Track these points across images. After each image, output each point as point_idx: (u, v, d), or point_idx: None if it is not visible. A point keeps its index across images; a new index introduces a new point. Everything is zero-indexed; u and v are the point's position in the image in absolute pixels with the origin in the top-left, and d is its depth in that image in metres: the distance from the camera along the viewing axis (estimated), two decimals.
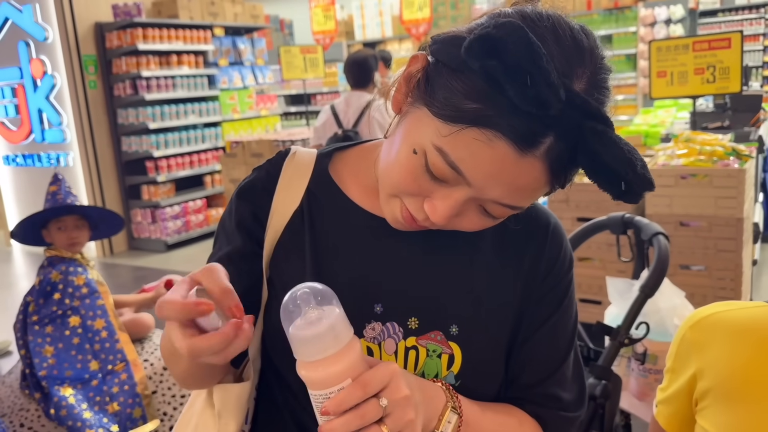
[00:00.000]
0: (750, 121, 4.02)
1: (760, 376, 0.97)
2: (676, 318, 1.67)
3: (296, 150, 0.86)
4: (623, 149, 0.61)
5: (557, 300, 0.83)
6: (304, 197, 0.82)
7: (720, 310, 1.07)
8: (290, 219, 0.81)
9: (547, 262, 0.82)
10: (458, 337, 0.77)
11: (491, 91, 0.60)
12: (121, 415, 2.25)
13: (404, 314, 0.77)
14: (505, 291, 0.81)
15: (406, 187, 0.70)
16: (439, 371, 0.77)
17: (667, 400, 1.13)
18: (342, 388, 0.60)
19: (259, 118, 7.03)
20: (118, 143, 6.13)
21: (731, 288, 2.98)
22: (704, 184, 2.93)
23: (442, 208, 0.68)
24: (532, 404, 0.83)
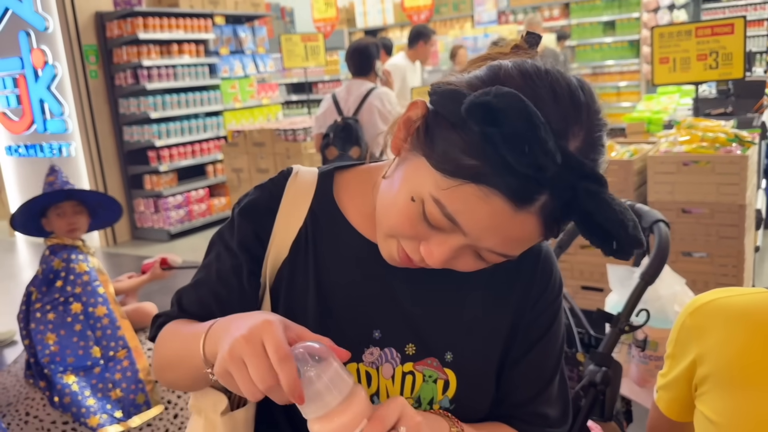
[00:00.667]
0: (753, 107, 3.99)
1: (759, 362, 0.97)
2: (677, 305, 1.67)
3: (298, 170, 0.88)
4: (616, 210, 0.63)
5: (546, 325, 0.86)
6: (308, 218, 0.84)
7: (720, 296, 1.07)
8: (295, 239, 0.83)
9: (538, 289, 0.85)
10: (452, 364, 0.81)
11: (489, 149, 0.62)
12: (124, 401, 2.26)
13: (402, 340, 0.80)
14: (497, 318, 0.84)
15: (403, 231, 0.72)
16: (435, 396, 0.80)
17: (667, 385, 1.13)
18: (362, 429, 0.64)
19: (260, 107, 7.01)
20: (119, 133, 6.13)
21: (733, 275, 2.98)
22: (706, 171, 2.92)
23: (438, 253, 0.70)
24: (521, 422, 0.87)
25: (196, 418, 0.85)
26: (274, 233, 0.83)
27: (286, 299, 0.82)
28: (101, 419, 2.20)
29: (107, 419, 2.21)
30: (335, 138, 3.75)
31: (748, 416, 0.96)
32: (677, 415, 1.14)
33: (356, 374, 0.79)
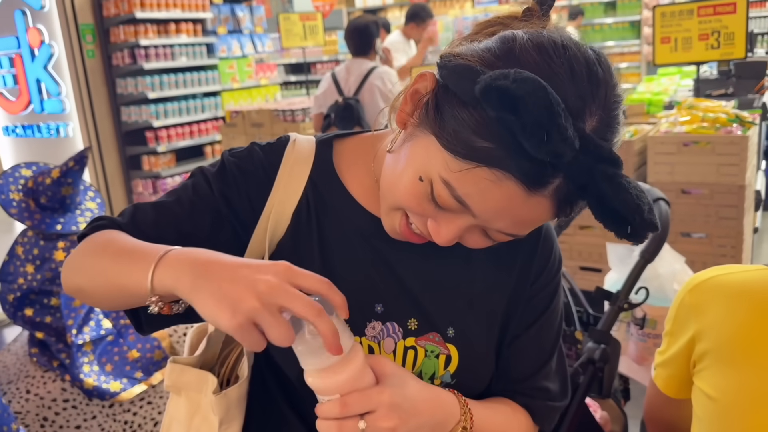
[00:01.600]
0: (754, 88, 3.97)
1: (758, 338, 0.98)
2: (676, 283, 1.68)
3: (296, 137, 0.85)
4: (632, 194, 0.62)
5: (546, 301, 0.86)
6: (308, 187, 0.82)
7: (719, 273, 1.07)
8: (296, 210, 0.81)
9: (538, 265, 0.85)
10: (455, 339, 0.80)
11: (504, 133, 0.60)
12: (142, 361, 2.29)
13: (404, 315, 0.80)
14: (498, 294, 0.83)
15: (409, 207, 0.71)
16: (437, 371, 0.80)
17: (666, 363, 1.14)
18: (330, 400, 0.67)
19: (258, 87, 6.96)
20: (117, 113, 6.09)
21: (732, 255, 2.98)
22: (707, 152, 2.91)
23: (445, 232, 0.69)
24: (522, 396, 0.87)
25: (176, 399, 0.83)
26: (272, 202, 0.80)
27: None
28: (123, 383, 2.22)
29: (128, 382, 2.24)
30: (337, 118, 3.73)
31: (747, 392, 0.97)
32: (675, 392, 1.15)
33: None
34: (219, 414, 0.77)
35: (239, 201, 0.81)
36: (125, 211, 0.82)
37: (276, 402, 0.83)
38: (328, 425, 0.66)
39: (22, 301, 2.27)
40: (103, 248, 0.73)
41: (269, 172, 0.82)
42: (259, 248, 0.80)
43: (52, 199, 2.23)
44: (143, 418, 2.39)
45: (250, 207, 0.81)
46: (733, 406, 0.98)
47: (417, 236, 0.73)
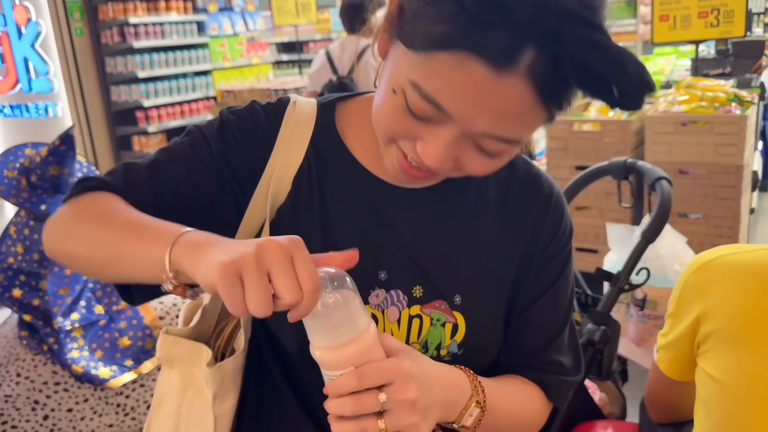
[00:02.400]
0: (752, 67, 3.95)
1: (765, 319, 0.95)
2: (677, 264, 1.66)
3: (296, 99, 0.81)
4: (611, 49, 0.55)
5: (557, 270, 0.83)
6: (309, 151, 0.78)
7: (725, 253, 1.05)
8: (297, 174, 0.77)
9: (548, 232, 0.81)
10: (461, 307, 0.77)
11: (459, 11, 0.56)
12: (133, 349, 2.28)
13: (409, 282, 0.76)
14: (507, 260, 0.80)
15: (393, 129, 0.66)
16: (443, 340, 0.77)
17: (669, 345, 1.12)
18: (342, 374, 0.60)
19: (250, 66, 6.88)
20: (107, 93, 6.01)
21: (728, 236, 2.97)
22: (705, 131, 2.89)
23: (433, 150, 0.64)
24: (534, 371, 0.83)
25: (168, 372, 0.80)
26: (272, 166, 0.76)
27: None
28: (112, 370, 2.20)
29: (118, 369, 2.22)
30: None
31: (753, 374, 0.95)
32: (678, 374, 1.13)
33: None
34: (213, 387, 0.74)
35: (238, 162, 0.77)
36: (115, 170, 0.77)
37: (272, 377, 0.80)
38: (342, 403, 0.60)
39: (11, 282, 2.24)
40: (102, 218, 0.69)
41: (269, 134, 0.78)
42: (258, 214, 0.76)
43: (42, 179, 2.19)
44: (136, 401, 2.37)
45: (249, 169, 0.77)
46: (739, 388, 0.96)
47: (417, 170, 0.69)
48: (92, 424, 2.32)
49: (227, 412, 0.78)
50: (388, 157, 0.71)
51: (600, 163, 1.77)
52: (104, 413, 2.33)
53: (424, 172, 0.69)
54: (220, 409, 0.76)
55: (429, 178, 0.71)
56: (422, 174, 0.69)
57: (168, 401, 0.80)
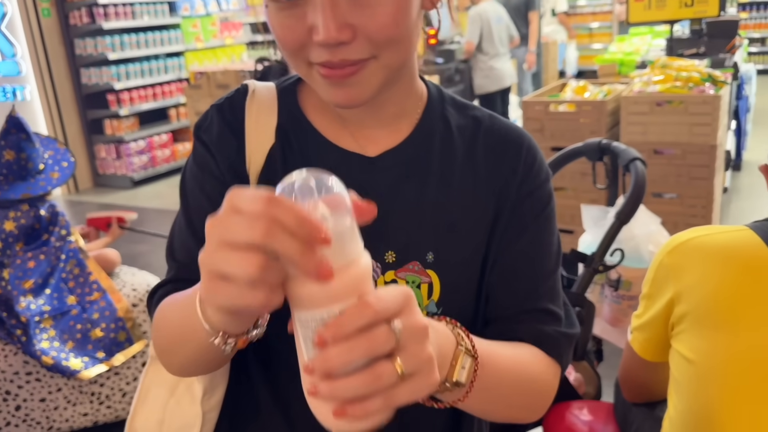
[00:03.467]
0: (726, 47, 3.97)
1: (738, 300, 0.96)
2: (651, 245, 1.67)
3: (254, 87, 0.79)
4: None
5: (536, 210, 0.78)
6: (277, 135, 0.77)
7: (699, 234, 1.05)
8: (265, 161, 0.76)
9: (523, 172, 0.78)
10: (434, 264, 0.75)
11: None
12: (105, 341, 2.24)
13: (381, 250, 0.75)
14: (479, 210, 0.77)
15: (288, 38, 0.65)
16: (420, 301, 0.75)
17: (643, 326, 1.12)
18: (344, 308, 0.46)
19: (223, 47, 6.77)
20: (77, 75, 5.87)
21: (702, 215, 3.00)
22: (679, 111, 2.90)
23: (321, 23, 0.62)
24: (527, 323, 0.76)
25: (156, 366, 0.80)
26: (248, 156, 0.76)
27: None
28: (83, 362, 2.16)
29: (89, 361, 2.18)
30: None
31: (726, 354, 0.95)
32: (652, 355, 1.13)
33: None
34: (203, 382, 0.74)
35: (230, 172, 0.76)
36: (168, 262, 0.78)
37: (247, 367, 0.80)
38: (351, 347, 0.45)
39: None
40: (161, 325, 0.70)
41: (236, 128, 0.77)
42: None
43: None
44: (111, 389, 2.34)
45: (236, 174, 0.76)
46: (712, 369, 0.96)
47: (337, 68, 0.66)
48: (66, 414, 2.29)
49: (215, 407, 0.77)
50: (317, 85, 0.69)
51: (575, 144, 1.77)
52: (78, 402, 2.29)
53: (345, 69, 0.66)
54: (208, 404, 0.76)
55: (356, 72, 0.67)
56: (345, 71, 0.66)
57: (156, 394, 0.79)
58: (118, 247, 2.74)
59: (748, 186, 4.65)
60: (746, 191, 4.55)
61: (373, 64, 0.66)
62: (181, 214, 0.78)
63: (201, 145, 0.78)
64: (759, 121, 5.90)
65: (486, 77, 5.30)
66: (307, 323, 0.47)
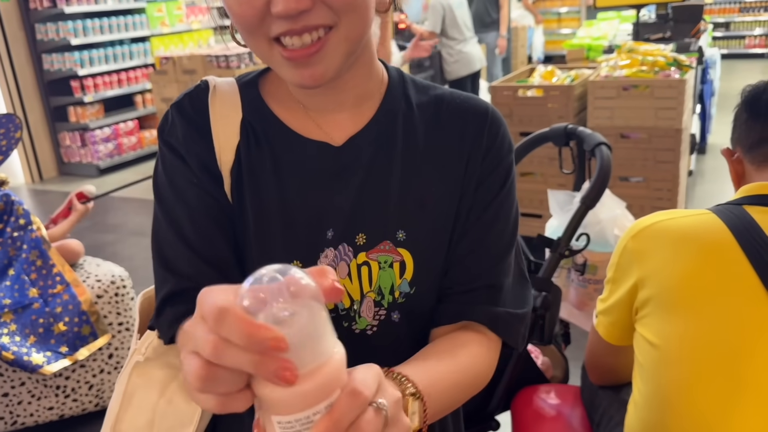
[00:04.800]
0: (691, 32, 4.01)
1: (700, 284, 0.96)
2: (617, 229, 1.68)
3: (214, 82, 0.78)
4: None
5: (498, 184, 0.78)
6: (242, 132, 0.76)
7: (662, 218, 1.06)
8: (234, 157, 0.75)
9: (486, 147, 0.78)
10: (406, 243, 0.75)
11: None
12: (69, 335, 2.19)
13: (352, 233, 0.75)
14: (447, 184, 0.77)
15: (247, 15, 0.64)
16: (393, 281, 0.75)
17: (608, 310, 1.13)
18: (330, 403, 0.45)
19: (190, 32, 6.64)
20: (38, 61, 5.71)
21: (668, 198, 3.04)
22: (645, 96, 2.93)
23: None
24: (482, 305, 0.76)
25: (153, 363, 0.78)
26: (218, 152, 0.75)
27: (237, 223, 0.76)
28: (46, 356, 2.11)
29: (52, 356, 2.13)
30: None
31: (689, 338, 0.96)
32: (617, 339, 1.14)
33: None
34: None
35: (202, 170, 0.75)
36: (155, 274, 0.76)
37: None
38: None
39: None
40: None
41: (202, 128, 0.76)
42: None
43: None
44: (77, 382, 2.30)
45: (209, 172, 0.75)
46: (675, 353, 0.97)
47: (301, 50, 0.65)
48: (30, 408, 2.24)
49: None
50: (278, 66, 0.68)
51: (543, 128, 1.77)
52: (43, 396, 2.25)
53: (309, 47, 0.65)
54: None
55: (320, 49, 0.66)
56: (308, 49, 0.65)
57: (142, 396, 0.78)
58: (83, 237, 2.69)
59: (712, 169, 4.74)
60: (711, 174, 4.63)
61: (334, 37, 0.65)
62: (165, 225, 0.75)
63: (168, 149, 0.76)
64: (723, 105, 6.00)
65: (456, 62, 5.29)
66: (291, 425, 0.45)
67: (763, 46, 9.81)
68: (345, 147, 0.76)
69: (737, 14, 9.82)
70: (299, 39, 0.64)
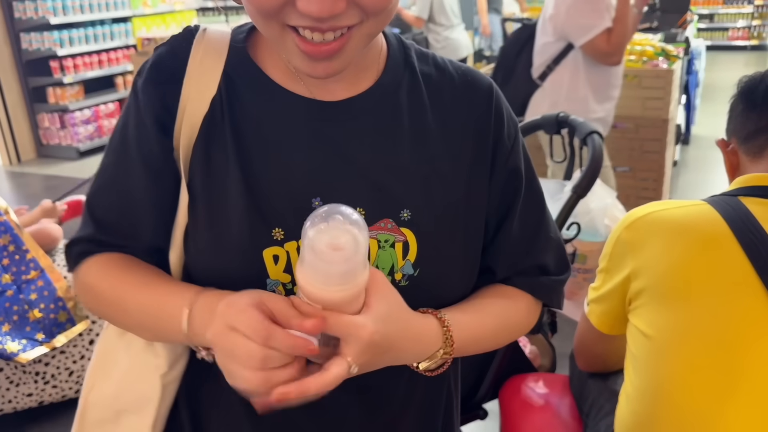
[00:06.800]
0: (677, 22, 4.02)
1: (697, 275, 0.96)
2: (607, 218, 1.67)
3: (207, 28, 0.73)
4: None
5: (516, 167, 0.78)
6: (222, 84, 0.70)
7: (657, 209, 1.05)
8: (208, 110, 0.70)
9: (496, 126, 0.76)
10: (410, 223, 0.71)
11: None
12: (45, 322, 2.14)
13: (348, 204, 0.68)
14: (456, 164, 0.74)
15: (264, 6, 0.60)
16: (395, 262, 0.71)
17: (600, 299, 1.12)
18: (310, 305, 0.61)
19: (173, 12, 6.53)
20: (16, 40, 5.58)
21: (653, 188, 3.06)
22: (633, 85, 2.92)
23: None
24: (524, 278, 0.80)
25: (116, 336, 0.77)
26: (183, 100, 0.70)
27: (204, 180, 0.70)
28: (21, 344, 2.06)
29: (27, 343, 2.08)
30: None
31: (683, 329, 0.95)
32: (609, 328, 1.14)
33: (297, 253, 0.68)
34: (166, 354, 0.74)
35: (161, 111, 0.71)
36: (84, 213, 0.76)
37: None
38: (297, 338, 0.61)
39: None
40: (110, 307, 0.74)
41: (177, 66, 0.71)
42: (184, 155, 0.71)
43: None
44: (56, 368, 2.26)
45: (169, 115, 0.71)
46: (669, 344, 0.97)
47: (321, 45, 0.62)
48: (9, 395, 2.20)
49: (175, 380, 0.74)
50: (290, 54, 0.64)
51: (533, 117, 1.76)
52: (22, 383, 2.21)
53: (331, 44, 0.62)
54: (168, 377, 0.73)
55: (340, 48, 0.63)
56: (330, 47, 0.62)
57: (113, 364, 0.76)
58: None
59: (696, 159, 4.77)
60: (695, 164, 4.66)
61: (357, 34, 0.63)
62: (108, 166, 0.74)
63: (133, 92, 0.73)
64: (707, 96, 6.05)
65: (442, 48, 5.26)
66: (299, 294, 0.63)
67: (746, 38, 9.90)
68: (340, 106, 0.71)
69: (721, 6, 9.88)
70: (321, 35, 0.61)
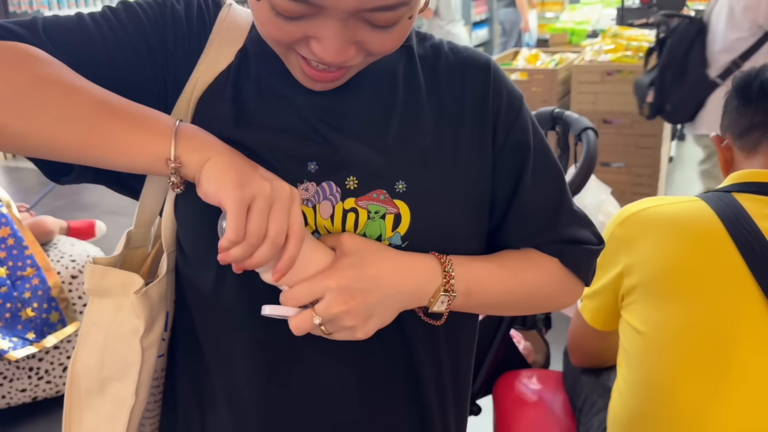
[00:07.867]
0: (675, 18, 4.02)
1: (691, 271, 0.96)
2: (602, 214, 1.68)
3: (233, 3, 0.74)
4: None
5: (523, 140, 0.75)
6: (238, 55, 0.72)
7: (651, 205, 1.05)
8: (219, 74, 0.71)
9: (496, 102, 0.75)
10: (405, 195, 0.70)
11: None
12: (36, 321, 2.13)
13: (341, 173, 0.70)
14: (455, 142, 0.73)
15: (277, 37, 0.61)
16: (383, 232, 0.70)
17: (593, 294, 1.12)
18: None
19: None
20: (3, 3, 5.48)
21: (648, 184, 3.06)
22: (629, 81, 2.92)
23: (328, 45, 0.60)
24: (549, 245, 0.77)
25: (98, 302, 0.75)
26: (199, 69, 0.70)
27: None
28: (12, 342, 2.06)
29: (18, 342, 2.07)
30: None
31: (676, 325, 0.95)
32: (602, 324, 1.14)
33: None
34: (143, 316, 0.71)
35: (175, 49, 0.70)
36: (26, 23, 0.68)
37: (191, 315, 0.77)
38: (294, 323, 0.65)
39: None
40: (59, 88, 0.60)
41: (202, 31, 0.71)
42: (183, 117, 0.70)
43: None
44: (51, 364, 2.25)
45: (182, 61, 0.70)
46: (662, 340, 0.97)
47: (325, 72, 0.64)
48: (2, 390, 2.19)
49: (154, 343, 0.74)
50: (292, 68, 0.66)
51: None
52: (15, 378, 2.20)
53: (334, 72, 0.64)
54: (147, 340, 0.72)
55: (342, 77, 0.65)
56: (333, 75, 0.64)
57: (95, 333, 0.75)
58: (57, 216, 2.63)
59: (691, 156, 4.77)
60: (690, 161, 4.66)
61: (363, 63, 0.65)
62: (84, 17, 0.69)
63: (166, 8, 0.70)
64: None
65: None
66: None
67: None
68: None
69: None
70: (327, 66, 0.63)
